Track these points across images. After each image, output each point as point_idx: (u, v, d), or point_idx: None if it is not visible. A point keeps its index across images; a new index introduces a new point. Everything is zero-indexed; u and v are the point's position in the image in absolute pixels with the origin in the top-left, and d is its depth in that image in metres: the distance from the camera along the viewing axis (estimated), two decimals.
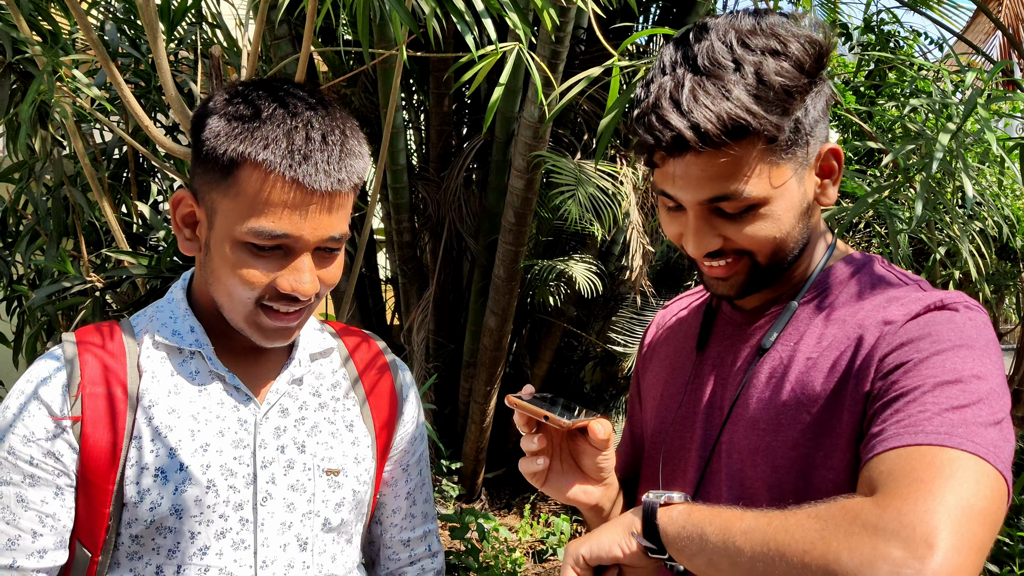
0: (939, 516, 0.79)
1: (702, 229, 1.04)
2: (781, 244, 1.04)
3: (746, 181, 0.99)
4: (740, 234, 1.03)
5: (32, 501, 1.09)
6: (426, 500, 1.40)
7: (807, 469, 1.01)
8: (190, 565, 1.12)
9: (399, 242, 4.69)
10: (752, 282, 1.08)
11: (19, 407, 1.10)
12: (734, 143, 0.97)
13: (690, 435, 1.15)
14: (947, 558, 0.77)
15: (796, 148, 1.01)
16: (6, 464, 1.09)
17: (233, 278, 1.10)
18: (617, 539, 1.00)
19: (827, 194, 1.07)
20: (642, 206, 4.21)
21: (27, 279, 3.37)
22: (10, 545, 1.09)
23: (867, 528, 0.80)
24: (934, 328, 0.96)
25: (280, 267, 1.09)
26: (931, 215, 1.97)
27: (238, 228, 1.08)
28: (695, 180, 1.00)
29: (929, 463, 0.84)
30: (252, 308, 1.12)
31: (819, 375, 1.02)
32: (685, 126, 0.96)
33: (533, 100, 3.74)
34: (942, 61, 3.75)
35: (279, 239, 1.07)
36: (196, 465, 1.12)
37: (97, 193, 2.59)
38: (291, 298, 1.11)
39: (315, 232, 1.08)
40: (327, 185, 1.07)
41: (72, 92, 2.38)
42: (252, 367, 1.21)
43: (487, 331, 4.46)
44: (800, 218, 1.04)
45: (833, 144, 1.06)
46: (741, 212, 1.02)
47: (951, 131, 1.63)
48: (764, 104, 0.97)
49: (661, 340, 1.31)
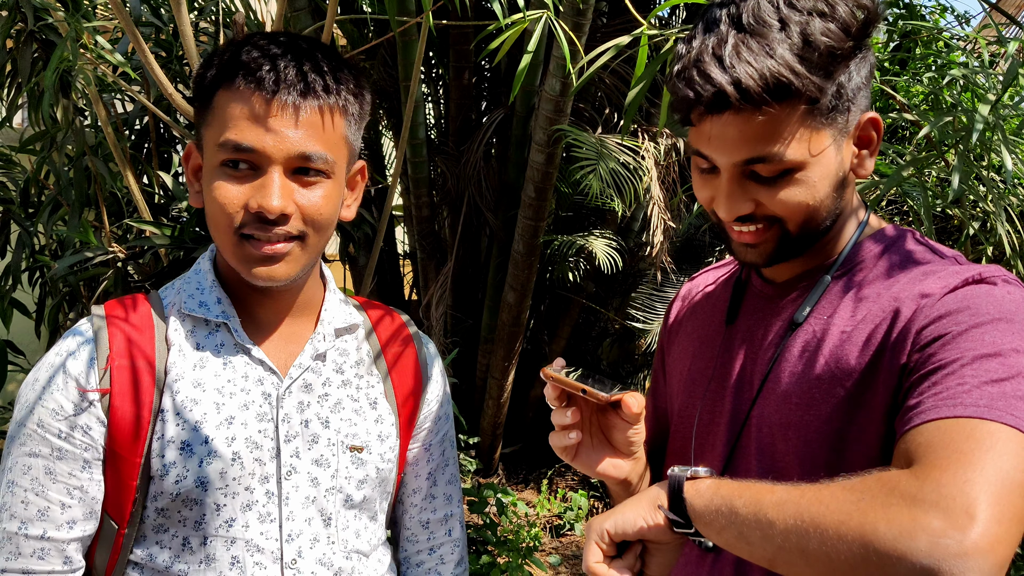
0: (979, 487, 0.78)
1: (735, 192, 1.02)
2: (814, 212, 1.02)
3: (784, 144, 0.97)
4: (773, 199, 1.01)
5: (60, 473, 1.09)
6: (449, 482, 1.37)
7: (840, 443, 1.00)
8: (216, 537, 1.12)
9: (418, 216, 4.67)
10: (781, 250, 1.06)
11: (48, 380, 1.10)
12: (775, 103, 0.95)
13: (719, 409, 1.14)
14: (987, 528, 0.76)
15: (837, 114, 0.99)
16: (35, 436, 1.09)
17: (214, 207, 1.09)
18: (642, 514, 0.99)
19: (864, 165, 1.05)
20: (663, 181, 4.17)
21: (49, 250, 3.38)
22: (40, 516, 1.09)
23: (905, 499, 0.79)
24: (973, 301, 0.94)
25: (251, 189, 1.08)
26: (967, 189, 1.94)
27: (213, 151, 1.09)
28: (732, 140, 0.99)
29: (968, 435, 0.83)
30: (234, 239, 1.10)
31: (854, 348, 1.00)
32: (727, 81, 0.95)
33: (555, 73, 3.71)
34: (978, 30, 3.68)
35: (245, 153, 1.06)
36: (221, 438, 1.11)
37: (120, 162, 2.59)
38: (263, 220, 1.08)
39: (279, 145, 1.07)
40: (289, 95, 1.07)
41: (95, 59, 2.37)
42: (277, 340, 1.20)
43: (505, 306, 4.45)
44: (835, 187, 1.02)
45: (874, 114, 1.04)
46: (776, 176, 1.00)
47: (990, 102, 1.59)
48: (808, 65, 0.95)
49: (688, 314, 1.29)
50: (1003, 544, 0.76)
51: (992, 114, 1.59)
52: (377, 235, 2.35)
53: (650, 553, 1.03)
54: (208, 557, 1.11)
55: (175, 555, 1.12)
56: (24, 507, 1.09)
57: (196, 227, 2.39)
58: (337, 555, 1.18)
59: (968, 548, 0.75)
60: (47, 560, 1.10)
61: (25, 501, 1.09)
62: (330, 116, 1.11)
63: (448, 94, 4.82)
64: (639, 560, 1.02)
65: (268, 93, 1.06)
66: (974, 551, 0.75)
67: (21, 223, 3.25)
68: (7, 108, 2.91)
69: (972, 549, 0.75)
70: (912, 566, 0.76)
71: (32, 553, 1.09)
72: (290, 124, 1.07)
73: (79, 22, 2.00)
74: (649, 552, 1.03)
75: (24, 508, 1.09)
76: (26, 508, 1.09)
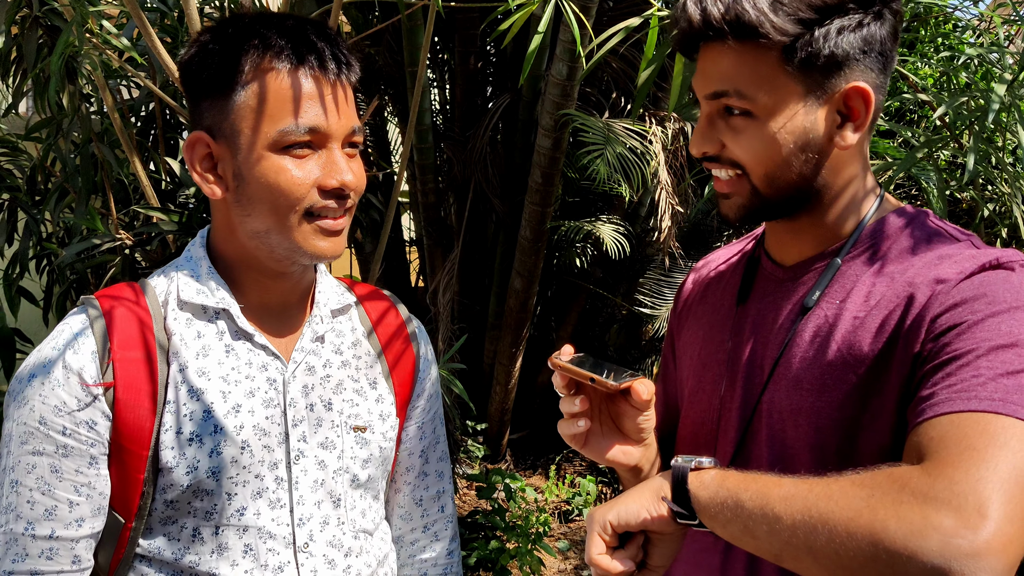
0: (992, 485, 0.77)
1: (704, 128, 1.06)
2: (777, 168, 1.02)
3: (750, 84, 1.00)
4: (735, 142, 1.03)
5: (67, 471, 1.07)
6: (440, 459, 1.38)
7: (852, 431, 0.99)
8: (228, 526, 1.11)
9: (424, 203, 4.66)
10: (754, 208, 1.06)
11: (47, 375, 1.07)
12: (737, 39, 0.99)
13: (730, 394, 1.13)
14: (1000, 528, 0.75)
15: (812, 72, 0.99)
16: (38, 435, 1.06)
17: (276, 191, 1.08)
18: (646, 505, 0.98)
19: (844, 137, 1.03)
20: (671, 166, 4.15)
21: (56, 237, 3.37)
22: (47, 515, 1.07)
23: (917, 496, 0.78)
24: (989, 288, 0.92)
25: (317, 168, 1.09)
26: (982, 170, 1.92)
27: (267, 136, 1.07)
28: (706, 73, 1.04)
29: (982, 431, 0.81)
30: (300, 218, 1.10)
31: (867, 335, 0.99)
32: (697, 12, 1.01)
33: (561, 57, 3.68)
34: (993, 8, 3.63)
35: (309, 134, 1.07)
36: (230, 426, 1.10)
37: (127, 148, 2.58)
38: (338, 195, 1.10)
39: (338, 122, 1.09)
40: (334, 71, 1.09)
41: (101, 44, 2.36)
42: (274, 325, 1.19)
43: (512, 293, 4.45)
44: (802, 148, 1.01)
45: (863, 84, 1.01)
46: (741, 117, 1.02)
47: (1007, 81, 1.57)
48: (780, 9, 0.97)
49: (698, 296, 1.28)
50: (1015, 544, 0.76)
51: (1008, 94, 1.57)
52: (385, 222, 2.34)
53: (652, 543, 1.02)
54: (220, 547, 1.11)
55: (185, 546, 1.11)
56: (30, 507, 1.06)
57: (204, 213, 2.38)
58: (346, 535, 1.19)
59: (980, 548, 0.74)
60: (56, 560, 1.07)
61: (31, 501, 1.06)
62: (352, 92, 1.14)
63: (454, 80, 4.80)
64: (641, 550, 1.02)
65: (320, 73, 1.08)
66: (986, 551, 0.74)
67: (28, 211, 3.24)
68: (13, 95, 2.90)
69: (984, 549, 0.74)
70: (923, 565, 0.75)
71: (40, 554, 1.07)
72: (343, 102, 1.10)
73: (85, 7, 1.99)
74: (651, 542, 1.02)
75: (30, 508, 1.06)
76: (32, 508, 1.06)
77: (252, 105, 1.07)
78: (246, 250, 1.15)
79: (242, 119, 1.08)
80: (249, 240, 1.13)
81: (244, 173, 1.09)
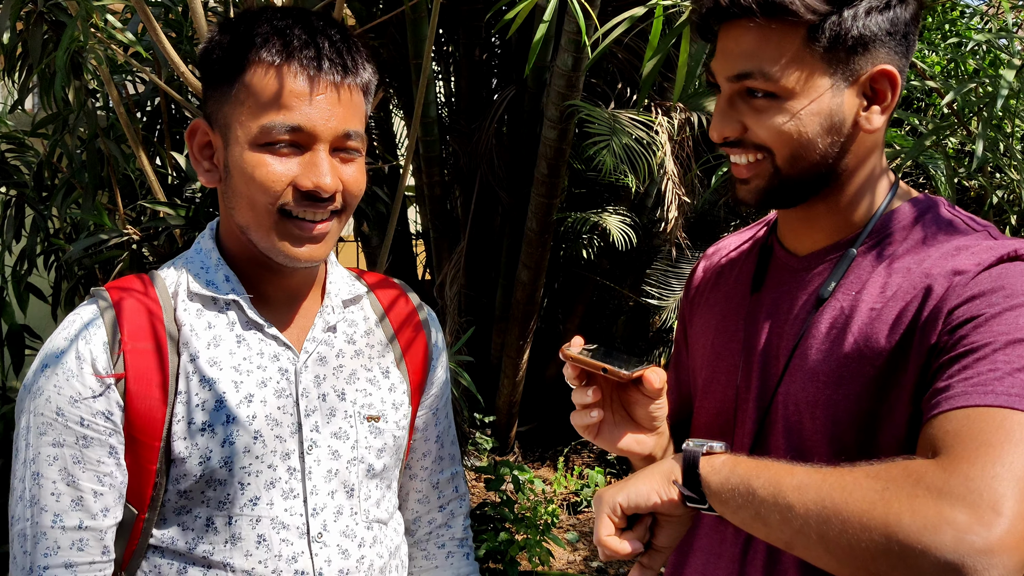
0: (1006, 482, 0.77)
1: (725, 111, 1.04)
2: (802, 149, 1.01)
3: (775, 64, 0.99)
4: (760, 124, 1.01)
5: (89, 461, 1.06)
6: (452, 442, 1.40)
7: (871, 424, 0.98)
8: (241, 516, 1.11)
9: (430, 196, 4.66)
10: (773, 191, 1.05)
11: (60, 366, 1.07)
12: (764, 16, 0.97)
13: (745, 385, 1.12)
14: (1013, 525, 0.75)
15: (839, 52, 0.98)
16: (56, 426, 1.06)
17: (252, 185, 1.07)
18: (656, 488, 0.98)
19: (870, 120, 1.02)
20: (677, 156, 4.14)
21: (63, 233, 3.38)
22: (74, 506, 1.06)
23: (931, 491, 0.78)
24: (1007, 281, 0.91)
25: (296, 167, 1.07)
26: (991, 157, 1.90)
27: (251, 130, 1.06)
28: (728, 53, 1.02)
29: (998, 426, 0.81)
30: (275, 217, 1.09)
31: (884, 327, 0.98)
32: None
33: (567, 48, 3.67)
34: None
35: (292, 133, 1.06)
36: (242, 416, 1.10)
37: (133, 143, 2.58)
38: (314, 198, 1.08)
39: (327, 123, 1.07)
40: (332, 72, 1.07)
41: (106, 39, 2.36)
42: (285, 316, 1.19)
43: (519, 285, 4.44)
44: (827, 130, 1.00)
45: (891, 67, 1.00)
46: (765, 98, 1.00)
47: (1015, 67, 1.56)
48: None
49: (710, 283, 1.27)
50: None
51: (1017, 80, 1.56)
52: (391, 215, 2.33)
53: (659, 525, 1.02)
54: (234, 536, 1.11)
55: (198, 536, 1.11)
56: (55, 499, 1.06)
57: (210, 207, 2.38)
58: (360, 525, 1.19)
59: (993, 544, 0.75)
60: (86, 551, 1.07)
61: (56, 492, 1.06)
62: (359, 94, 1.12)
63: (459, 71, 4.79)
64: (648, 531, 1.02)
65: (313, 71, 1.06)
66: (1000, 547, 0.75)
67: (35, 207, 3.25)
68: (19, 91, 2.91)
69: (998, 545, 0.75)
70: (936, 560, 0.76)
71: (71, 545, 1.06)
72: (335, 103, 1.08)
73: (89, 2, 1.99)
74: (659, 524, 1.02)
75: (56, 500, 1.06)
76: (58, 500, 1.06)
77: (242, 98, 1.07)
78: (243, 243, 1.15)
79: (234, 111, 1.08)
80: (241, 234, 1.14)
81: (230, 165, 1.10)
